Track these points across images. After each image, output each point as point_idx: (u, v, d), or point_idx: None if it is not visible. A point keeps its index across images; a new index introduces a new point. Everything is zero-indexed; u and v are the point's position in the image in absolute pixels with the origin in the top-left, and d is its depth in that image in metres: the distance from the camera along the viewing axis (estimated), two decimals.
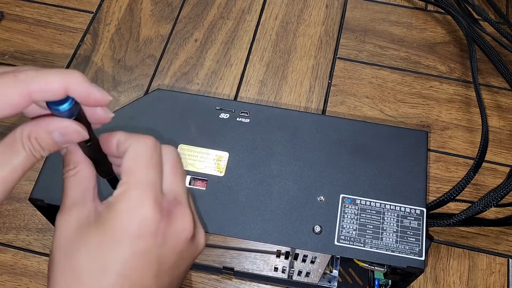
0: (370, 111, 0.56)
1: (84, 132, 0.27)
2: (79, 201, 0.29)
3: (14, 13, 0.63)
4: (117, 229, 0.27)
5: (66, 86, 0.26)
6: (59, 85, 0.25)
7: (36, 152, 0.27)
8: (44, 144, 0.27)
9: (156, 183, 0.28)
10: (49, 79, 0.25)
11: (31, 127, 0.27)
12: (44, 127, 0.27)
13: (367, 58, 0.60)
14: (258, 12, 0.64)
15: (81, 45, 0.61)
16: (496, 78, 0.59)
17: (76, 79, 0.26)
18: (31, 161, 0.27)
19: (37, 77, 0.25)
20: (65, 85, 0.26)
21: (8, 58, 0.59)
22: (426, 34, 0.62)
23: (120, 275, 0.26)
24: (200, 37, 0.62)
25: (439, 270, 0.48)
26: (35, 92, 0.25)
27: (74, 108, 0.26)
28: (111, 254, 0.26)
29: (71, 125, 0.27)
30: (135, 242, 0.26)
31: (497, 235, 0.50)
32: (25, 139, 0.27)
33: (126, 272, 0.26)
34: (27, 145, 0.27)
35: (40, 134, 0.27)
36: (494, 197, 0.48)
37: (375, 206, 0.40)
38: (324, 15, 0.64)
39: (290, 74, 0.59)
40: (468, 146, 0.55)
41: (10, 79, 0.25)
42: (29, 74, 0.25)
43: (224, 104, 0.45)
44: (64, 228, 0.28)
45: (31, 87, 0.25)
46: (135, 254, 0.26)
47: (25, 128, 0.27)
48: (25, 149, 0.27)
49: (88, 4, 0.64)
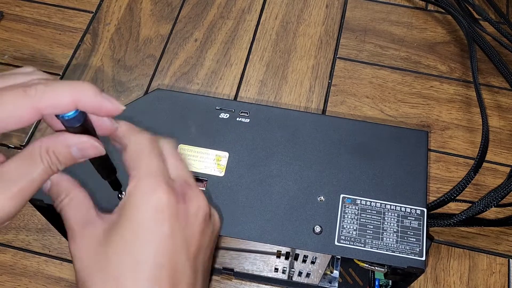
0: (370, 111, 0.56)
1: (101, 148, 0.28)
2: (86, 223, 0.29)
3: (14, 13, 0.63)
4: (138, 222, 0.27)
5: (76, 100, 0.26)
6: (69, 100, 0.26)
7: (54, 165, 0.28)
8: (61, 158, 0.28)
9: (163, 170, 0.29)
10: (58, 94, 0.26)
11: (50, 141, 0.27)
12: (63, 142, 0.27)
13: (367, 58, 0.60)
14: (258, 11, 0.64)
15: (80, 45, 0.60)
16: (497, 78, 0.59)
17: (86, 92, 0.26)
18: (48, 174, 0.28)
19: (47, 92, 0.25)
20: (75, 100, 0.26)
21: (7, 58, 0.59)
22: (427, 34, 0.62)
23: (155, 265, 0.26)
24: (200, 37, 0.61)
25: (440, 270, 0.48)
26: (45, 107, 0.25)
27: (79, 116, 0.26)
28: (140, 248, 0.27)
29: (88, 141, 0.27)
30: (160, 228, 0.27)
31: (498, 235, 0.50)
32: (43, 153, 0.27)
33: (159, 260, 0.26)
34: (45, 158, 0.27)
35: (58, 148, 0.27)
36: (495, 197, 0.47)
37: (375, 206, 0.40)
38: (324, 15, 0.63)
39: (290, 74, 0.59)
40: (469, 146, 0.55)
41: (20, 95, 0.25)
42: (38, 89, 0.25)
43: (224, 104, 0.45)
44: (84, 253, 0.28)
45: (41, 103, 0.25)
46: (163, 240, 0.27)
47: (44, 142, 0.27)
48: (43, 162, 0.27)
49: (88, 4, 0.64)
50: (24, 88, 0.25)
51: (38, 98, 0.25)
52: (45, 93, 0.25)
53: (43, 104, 0.25)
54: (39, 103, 0.25)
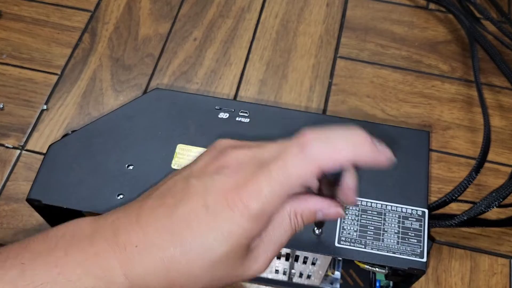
0: (371, 111, 0.56)
1: (343, 213, 0.29)
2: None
3: (12, 12, 0.62)
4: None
5: (355, 158, 0.26)
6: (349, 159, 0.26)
7: (298, 227, 0.29)
8: (306, 221, 0.29)
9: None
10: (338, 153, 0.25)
11: (299, 206, 0.28)
12: (312, 207, 0.28)
13: (368, 57, 0.60)
14: (258, 10, 0.63)
15: (79, 44, 0.60)
16: (498, 77, 0.58)
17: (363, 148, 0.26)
18: (292, 235, 0.29)
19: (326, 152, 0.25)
20: (354, 158, 0.26)
21: (6, 58, 0.59)
22: (428, 33, 0.62)
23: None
24: (199, 36, 0.61)
25: (441, 271, 0.48)
26: (324, 167, 0.26)
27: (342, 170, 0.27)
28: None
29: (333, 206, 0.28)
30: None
31: (499, 236, 0.49)
32: (293, 217, 0.28)
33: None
34: (294, 222, 0.28)
35: (306, 212, 0.28)
36: (496, 198, 0.47)
37: (376, 207, 0.39)
38: (324, 14, 0.63)
39: (290, 73, 0.59)
40: (470, 146, 0.54)
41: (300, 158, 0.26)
42: (317, 148, 0.25)
43: (224, 103, 0.44)
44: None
45: (321, 164, 0.26)
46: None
47: (293, 207, 0.28)
48: (292, 226, 0.29)
49: (86, 2, 0.63)
50: (302, 149, 0.26)
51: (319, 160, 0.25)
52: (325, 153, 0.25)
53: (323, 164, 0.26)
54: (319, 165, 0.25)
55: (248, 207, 0.26)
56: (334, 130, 0.26)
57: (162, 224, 0.27)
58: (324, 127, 0.26)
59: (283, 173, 0.26)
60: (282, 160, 0.26)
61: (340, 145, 0.25)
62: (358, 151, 0.26)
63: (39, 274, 0.27)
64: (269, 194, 0.26)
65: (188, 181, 0.28)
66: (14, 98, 0.56)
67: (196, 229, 0.26)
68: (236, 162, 0.28)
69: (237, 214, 0.26)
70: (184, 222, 0.27)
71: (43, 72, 0.58)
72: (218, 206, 0.27)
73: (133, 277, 0.27)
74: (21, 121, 0.55)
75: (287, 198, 0.27)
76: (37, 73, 0.58)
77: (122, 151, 0.42)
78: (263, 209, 0.27)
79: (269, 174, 0.26)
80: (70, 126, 0.54)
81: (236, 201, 0.26)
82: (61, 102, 0.56)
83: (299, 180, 0.26)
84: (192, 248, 0.26)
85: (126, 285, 0.27)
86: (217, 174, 0.28)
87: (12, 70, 0.58)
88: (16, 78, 0.58)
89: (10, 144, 0.53)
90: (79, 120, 0.55)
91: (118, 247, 0.27)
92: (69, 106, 0.56)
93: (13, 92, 0.57)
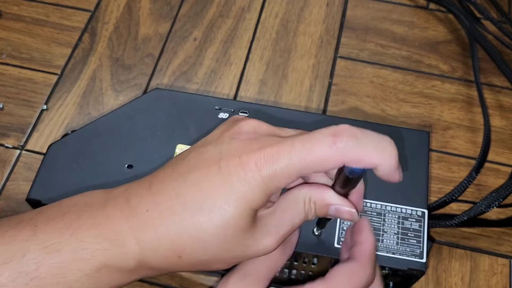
0: (371, 111, 0.56)
1: (357, 216, 0.29)
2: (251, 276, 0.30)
3: (12, 11, 0.62)
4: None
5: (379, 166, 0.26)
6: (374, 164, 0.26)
7: (310, 214, 0.29)
8: (318, 210, 0.29)
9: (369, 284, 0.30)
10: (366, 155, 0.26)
11: (315, 193, 0.28)
12: (326, 199, 0.28)
13: (368, 57, 0.60)
14: (258, 10, 0.63)
15: (79, 44, 0.60)
16: (498, 77, 0.58)
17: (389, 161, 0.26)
18: (303, 221, 0.29)
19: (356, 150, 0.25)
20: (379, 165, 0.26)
21: (5, 58, 0.59)
22: (428, 33, 0.62)
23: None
24: (199, 35, 0.61)
25: (441, 271, 0.48)
26: (349, 162, 0.26)
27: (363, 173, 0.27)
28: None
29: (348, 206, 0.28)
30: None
31: (499, 236, 0.49)
32: (307, 201, 0.28)
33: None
34: (307, 206, 0.28)
35: (319, 201, 0.28)
36: (496, 198, 0.47)
37: (375, 207, 0.39)
38: (324, 14, 0.63)
39: (290, 73, 0.59)
40: (470, 146, 0.54)
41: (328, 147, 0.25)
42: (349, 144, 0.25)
43: (224, 103, 0.44)
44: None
45: (347, 159, 0.26)
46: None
47: (309, 192, 0.28)
48: (305, 210, 0.28)
49: (86, 2, 0.63)
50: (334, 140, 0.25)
51: (347, 154, 0.25)
52: (354, 148, 0.25)
53: (349, 159, 0.25)
54: (346, 158, 0.25)
55: (260, 170, 0.26)
56: (369, 132, 0.26)
57: (173, 189, 0.27)
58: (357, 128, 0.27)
59: (307, 149, 0.25)
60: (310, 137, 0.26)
61: (371, 149, 0.26)
62: (385, 161, 0.26)
63: (52, 234, 0.27)
64: (285, 164, 0.26)
65: (202, 149, 0.28)
66: (14, 98, 0.56)
67: (206, 190, 0.26)
68: (253, 130, 0.28)
69: (249, 176, 0.26)
70: (196, 186, 0.26)
71: (43, 72, 0.58)
72: (231, 166, 0.26)
73: (143, 243, 0.27)
74: (21, 121, 0.55)
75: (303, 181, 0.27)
76: (37, 73, 0.58)
77: (122, 151, 0.42)
78: (276, 178, 0.26)
79: (292, 145, 0.26)
80: (70, 126, 0.54)
81: (250, 162, 0.26)
82: (61, 102, 0.56)
83: (321, 162, 0.25)
84: (202, 209, 0.26)
85: (136, 250, 0.27)
86: (233, 139, 0.28)
87: (12, 70, 0.58)
88: (16, 78, 0.58)
89: (10, 144, 0.53)
90: (79, 120, 0.55)
91: (129, 212, 0.27)
92: (69, 106, 0.56)
93: (13, 92, 0.57)
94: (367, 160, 0.26)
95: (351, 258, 0.30)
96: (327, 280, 0.29)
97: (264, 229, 0.27)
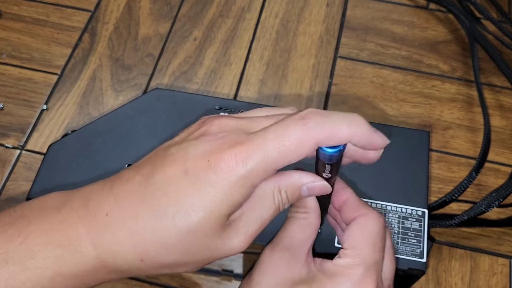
0: (371, 111, 0.56)
1: (329, 187, 0.27)
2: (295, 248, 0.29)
3: (12, 11, 0.62)
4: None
5: (352, 135, 0.25)
6: (346, 134, 0.25)
7: (282, 205, 0.27)
8: (290, 197, 0.27)
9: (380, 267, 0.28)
10: (336, 127, 0.25)
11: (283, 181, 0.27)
12: (296, 182, 0.27)
13: (368, 57, 0.60)
14: (258, 10, 0.63)
15: (79, 44, 0.60)
16: (498, 77, 0.58)
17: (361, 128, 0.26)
18: (275, 214, 0.27)
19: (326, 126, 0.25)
20: (352, 134, 0.25)
21: (5, 57, 0.59)
22: (428, 33, 0.62)
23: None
24: (199, 35, 0.61)
25: (441, 271, 0.48)
26: (322, 140, 0.25)
27: (341, 154, 0.26)
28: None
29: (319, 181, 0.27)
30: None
31: (499, 236, 0.49)
32: (276, 193, 0.27)
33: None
34: (278, 199, 0.27)
35: (290, 188, 0.27)
36: (496, 198, 0.47)
37: (375, 207, 0.39)
38: (324, 14, 0.63)
39: (290, 73, 0.59)
40: (470, 146, 0.54)
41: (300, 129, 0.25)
42: (318, 122, 0.25)
43: (224, 103, 0.44)
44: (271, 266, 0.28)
45: (320, 136, 0.25)
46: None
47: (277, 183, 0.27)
48: (275, 202, 0.27)
49: (86, 2, 0.63)
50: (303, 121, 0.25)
51: (318, 132, 0.25)
52: (324, 125, 0.25)
53: (321, 137, 0.25)
54: (318, 137, 0.25)
55: (233, 170, 0.24)
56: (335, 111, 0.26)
57: (136, 191, 0.26)
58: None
59: (279, 135, 0.25)
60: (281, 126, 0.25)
61: (339, 123, 0.25)
62: (356, 130, 0.25)
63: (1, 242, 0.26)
64: (260, 158, 0.24)
65: (167, 149, 0.27)
66: (14, 98, 0.56)
67: (173, 195, 0.25)
68: (219, 129, 0.27)
69: (220, 178, 0.24)
70: (160, 189, 0.25)
71: (43, 72, 0.58)
72: (200, 169, 0.25)
73: (102, 247, 0.26)
74: (21, 121, 0.55)
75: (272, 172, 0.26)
76: (37, 73, 0.58)
77: (122, 151, 0.42)
78: (252, 175, 0.25)
79: (264, 137, 0.25)
80: (70, 126, 0.54)
81: (220, 163, 0.24)
82: (61, 102, 0.56)
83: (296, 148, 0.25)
84: (166, 214, 0.25)
85: (93, 255, 0.26)
86: (198, 140, 0.26)
87: (12, 70, 0.58)
88: (16, 78, 0.58)
89: (10, 144, 0.53)
90: (79, 120, 0.55)
91: (87, 215, 0.26)
92: (69, 106, 0.56)
93: (13, 92, 0.57)
94: (339, 134, 0.25)
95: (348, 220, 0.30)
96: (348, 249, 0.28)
97: (234, 229, 0.26)
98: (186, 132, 0.28)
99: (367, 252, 0.28)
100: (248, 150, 0.25)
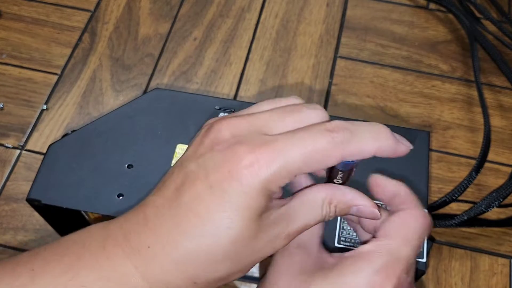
0: (371, 111, 0.56)
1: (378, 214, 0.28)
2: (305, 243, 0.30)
3: (12, 11, 0.62)
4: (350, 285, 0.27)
5: (377, 151, 0.26)
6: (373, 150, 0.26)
7: (328, 217, 0.28)
8: (338, 213, 0.28)
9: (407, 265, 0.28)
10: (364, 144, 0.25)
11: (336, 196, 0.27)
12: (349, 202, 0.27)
13: (368, 57, 0.60)
14: (258, 10, 0.63)
15: (79, 44, 0.60)
16: (498, 77, 0.58)
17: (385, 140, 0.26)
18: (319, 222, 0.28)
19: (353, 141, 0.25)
20: (377, 150, 0.26)
21: (5, 57, 0.59)
22: (428, 33, 0.62)
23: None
24: (199, 35, 0.61)
25: (441, 271, 0.48)
26: (349, 155, 0.25)
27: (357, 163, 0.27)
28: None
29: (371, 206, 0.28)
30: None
31: (499, 236, 0.49)
32: (326, 204, 0.27)
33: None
34: (326, 209, 0.27)
35: (341, 204, 0.27)
36: (497, 198, 0.47)
37: None
38: (325, 14, 0.63)
39: (290, 73, 0.59)
40: (471, 146, 0.54)
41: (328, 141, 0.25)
42: (346, 138, 0.25)
43: (224, 103, 0.44)
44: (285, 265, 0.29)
45: (346, 151, 0.25)
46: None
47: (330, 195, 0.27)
48: (322, 213, 0.27)
49: (86, 2, 0.63)
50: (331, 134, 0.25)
51: (345, 146, 0.25)
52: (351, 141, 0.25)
53: (347, 153, 0.25)
54: (344, 152, 0.25)
55: (256, 175, 0.24)
56: (358, 123, 0.26)
57: (168, 220, 0.26)
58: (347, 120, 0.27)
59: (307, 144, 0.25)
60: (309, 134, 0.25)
61: (366, 139, 0.25)
62: (381, 144, 0.26)
63: (50, 279, 0.26)
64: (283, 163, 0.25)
65: (185, 167, 0.27)
66: (14, 98, 0.56)
67: (204, 214, 0.25)
68: (231, 134, 0.26)
69: (244, 185, 0.24)
70: (191, 210, 0.25)
71: (43, 72, 0.58)
72: (223, 181, 0.25)
73: (153, 279, 0.26)
74: (21, 121, 0.55)
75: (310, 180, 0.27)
76: (36, 73, 0.58)
77: (122, 151, 0.42)
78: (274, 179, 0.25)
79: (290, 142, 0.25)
80: (70, 126, 0.54)
81: (242, 171, 0.24)
82: (61, 102, 0.56)
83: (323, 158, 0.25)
84: (205, 235, 0.25)
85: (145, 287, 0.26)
86: (213, 151, 0.26)
87: (11, 70, 0.58)
88: (15, 78, 0.58)
89: (10, 144, 0.53)
90: (79, 120, 0.55)
91: (131, 250, 0.26)
92: (69, 106, 0.56)
93: (12, 92, 0.57)
94: (366, 150, 0.25)
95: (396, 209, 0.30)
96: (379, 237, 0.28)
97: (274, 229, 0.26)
98: (196, 143, 0.28)
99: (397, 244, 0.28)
100: (271, 154, 0.25)
